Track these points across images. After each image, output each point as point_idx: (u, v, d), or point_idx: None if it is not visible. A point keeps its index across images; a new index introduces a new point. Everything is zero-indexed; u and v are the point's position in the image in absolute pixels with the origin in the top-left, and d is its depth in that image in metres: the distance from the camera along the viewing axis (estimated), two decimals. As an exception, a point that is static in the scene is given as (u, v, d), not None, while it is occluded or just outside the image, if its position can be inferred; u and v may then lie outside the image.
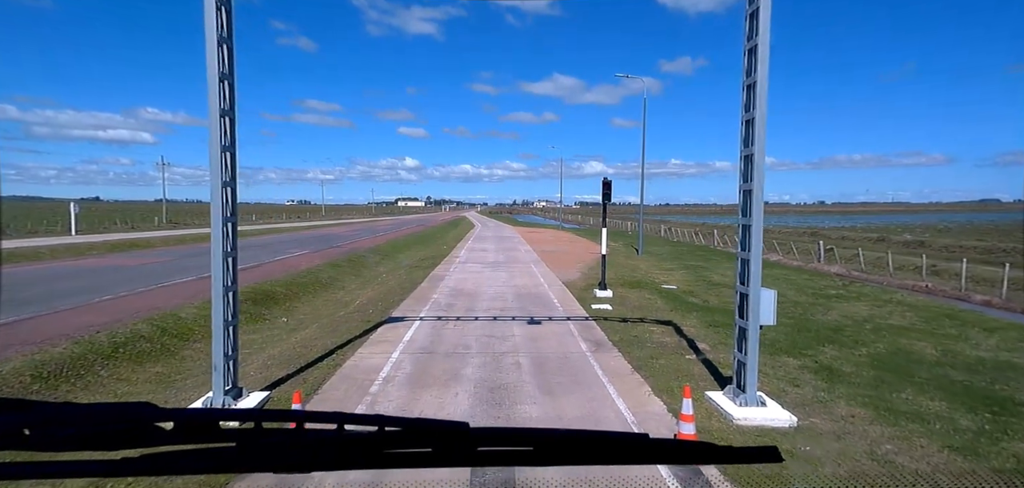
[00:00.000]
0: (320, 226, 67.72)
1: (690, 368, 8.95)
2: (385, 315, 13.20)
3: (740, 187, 7.18)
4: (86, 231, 44.74)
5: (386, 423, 0.88)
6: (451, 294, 16.45)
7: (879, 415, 7.01)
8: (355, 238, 43.53)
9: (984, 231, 59.06)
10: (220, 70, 6.60)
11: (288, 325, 13.91)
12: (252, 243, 36.61)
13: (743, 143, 7.11)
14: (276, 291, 17.23)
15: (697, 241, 48.02)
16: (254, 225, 67.13)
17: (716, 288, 18.93)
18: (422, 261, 26.85)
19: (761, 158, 6.75)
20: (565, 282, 19.13)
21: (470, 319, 12.66)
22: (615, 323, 12.40)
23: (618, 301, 15.40)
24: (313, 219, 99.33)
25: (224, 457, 0.85)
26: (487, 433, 0.88)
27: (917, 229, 68.28)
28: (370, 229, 59.51)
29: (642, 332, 11.57)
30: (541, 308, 14.20)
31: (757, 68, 6.71)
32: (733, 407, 6.77)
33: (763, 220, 6.87)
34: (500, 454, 0.88)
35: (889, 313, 14.85)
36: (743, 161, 7.12)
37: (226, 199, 6.97)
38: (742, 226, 7.16)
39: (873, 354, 10.44)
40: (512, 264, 24.99)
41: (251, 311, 14.54)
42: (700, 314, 13.87)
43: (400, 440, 0.87)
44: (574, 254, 30.96)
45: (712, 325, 12.52)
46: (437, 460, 0.87)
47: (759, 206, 6.78)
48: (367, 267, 25.80)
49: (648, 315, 13.56)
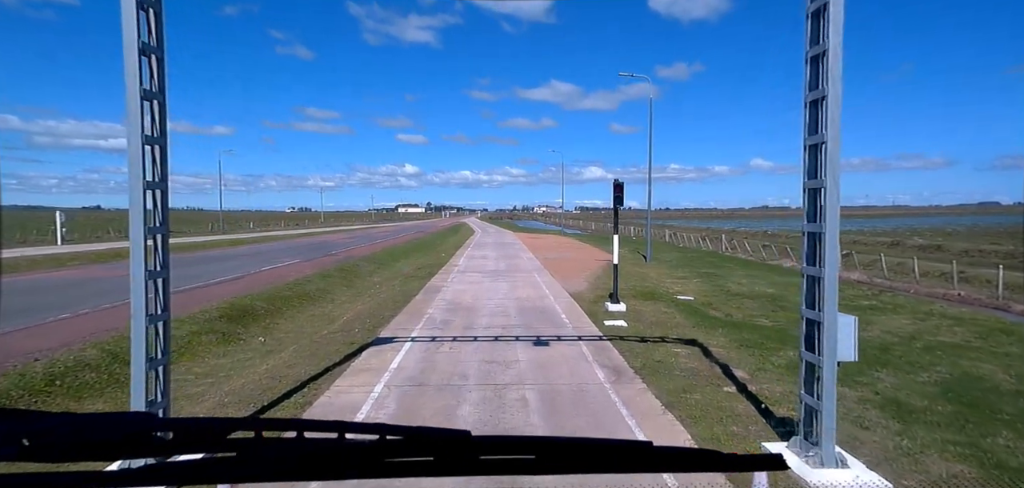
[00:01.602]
0: (317, 233, 66.27)
1: (733, 405, 7.44)
2: (372, 335, 11.69)
3: (804, 185, 5.69)
4: (78, 240, 43.36)
5: (387, 432, 0.88)
6: (448, 309, 14.95)
7: (988, 474, 5.50)
8: (350, 246, 42.06)
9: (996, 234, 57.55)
10: (140, 21, 5.12)
11: (264, 346, 12.43)
12: (242, 252, 35.16)
13: (808, 129, 5.62)
14: (256, 306, 15.74)
15: (704, 246, 46.52)
16: (250, 233, 65.67)
17: (736, 299, 17.42)
18: (419, 270, 25.36)
19: (836, 147, 5.26)
20: (572, 294, 17.63)
21: (468, 340, 11.16)
22: (633, 343, 10.89)
23: (632, 316, 13.89)
24: (312, 226, 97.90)
25: (224, 467, 0.85)
26: (489, 442, 0.88)
27: (926, 232, 66.73)
28: (367, 236, 58.05)
29: (666, 355, 10.06)
30: (548, 325, 12.69)
31: (829, 34, 5.24)
32: (805, 468, 5.26)
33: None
34: (502, 463, 0.88)
35: (935, 327, 13.34)
36: (808, 153, 5.63)
37: (155, 204, 5.50)
38: (808, 234, 5.67)
39: (938, 381, 8.93)
40: (514, 273, 23.49)
41: (225, 330, 13.06)
42: (726, 331, 12.36)
43: (401, 449, 0.87)
44: (579, 261, 29.45)
45: (743, 345, 11.01)
46: (439, 469, 0.87)
47: (834, 208, 5.28)
48: (360, 277, 24.31)
49: (669, 333, 12.04)
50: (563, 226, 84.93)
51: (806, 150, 5.64)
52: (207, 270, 23.94)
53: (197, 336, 12.16)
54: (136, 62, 5.09)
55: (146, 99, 5.27)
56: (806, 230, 5.69)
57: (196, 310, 14.03)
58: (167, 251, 5.60)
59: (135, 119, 5.10)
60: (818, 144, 5.43)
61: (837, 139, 5.23)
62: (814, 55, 5.51)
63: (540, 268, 25.40)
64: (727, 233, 53.05)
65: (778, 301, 16.93)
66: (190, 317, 13.35)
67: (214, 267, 25.34)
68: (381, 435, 0.86)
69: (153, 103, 5.42)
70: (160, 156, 5.48)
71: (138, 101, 5.11)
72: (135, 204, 5.17)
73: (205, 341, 12.03)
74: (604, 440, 0.89)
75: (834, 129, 5.21)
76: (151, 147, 5.40)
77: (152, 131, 5.42)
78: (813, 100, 5.51)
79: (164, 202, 5.55)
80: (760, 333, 12.17)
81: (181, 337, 11.84)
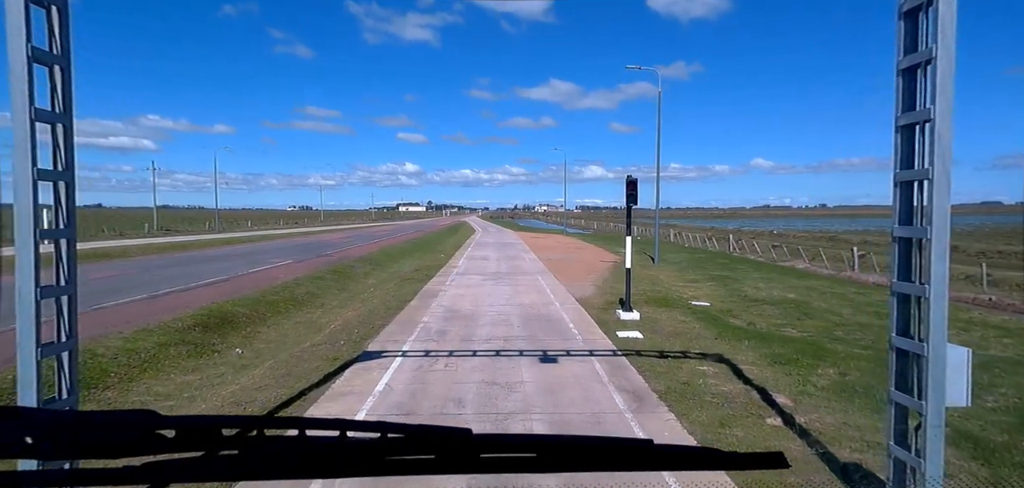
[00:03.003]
0: (315, 232, 65.02)
1: (785, 446, 6.17)
2: (359, 349, 10.44)
3: (895, 177, 4.41)
4: None
5: (388, 430, 0.88)
6: (444, 317, 13.70)
7: None
8: (347, 246, 40.82)
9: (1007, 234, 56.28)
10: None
11: (240, 360, 11.19)
12: (234, 252, 33.92)
13: (902, 102, 4.35)
14: (237, 313, 14.50)
15: (711, 246, 45.23)
16: (245, 232, 64.47)
17: (756, 306, 16.15)
18: (416, 272, 24.10)
19: (946, 124, 3.99)
20: (579, 299, 16.36)
21: (466, 354, 9.91)
22: (652, 359, 9.64)
23: (647, 325, 12.63)
24: (311, 225, 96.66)
25: (227, 464, 0.85)
26: (491, 440, 0.87)
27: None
28: (365, 236, 56.81)
29: (691, 375, 8.80)
30: (555, 337, 11.43)
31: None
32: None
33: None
34: (504, 461, 0.87)
35: (982, 339, 12.08)
36: (901, 134, 4.36)
37: (57, 200, 4.25)
38: (900, 240, 4.40)
39: (1010, 407, 7.68)
40: (516, 276, 22.23)
41: (198, 341, 11.82)
42: (753, 344, 11.09)
43: (402, 447, 0.87)
44: (584, 263, 28.19)
45: (776, 361, 9.74)
46: (440, 467, 0.86)
47: (944, 208, 4.00)
48: (354, 279, 23.07)
49: (690, 346, 10.78)
50: (565, 225, 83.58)
51: (898, 131, 4.36)
52: (193, 271, 22.71)
53: (165, 349, 10.92)
54: (23, 10, 3.84)
55: (39, 62, 4.02)
56: (897, 234, 4.41)
57: (167, 319, 12.80)
58: (74, 260, 4.34)
59: (20, 86, 3.84)
60: (919, 122, 4.16)
61: (948, 113, 3.96)
62: (910, 7, 4.24)
63: (544, 271, 24.14)
64: (734, 233, 51.77)
65: (802, 308, 15.67)
66: (160, 327, 12.12)
67: (201, 268, 24.11)
68: (382, 433, 0.87)
69: (54, 69, 4.17)
70: (63, 138, 4.23)
71: (25, 63, 3.86)
72: (22, 199, 3.91)
73: (173, 355, 10.79)
74: (604, 438, 0.89)
75: (945, 100, 3.94)
76: (50, 126, 4.15)
77: (52, 106, 4.17)
78: (910, 66, 4.24)
79: (69, 198, 4.29)
80: (791, 347, 10.90)
81: (145, 350, 10.61)
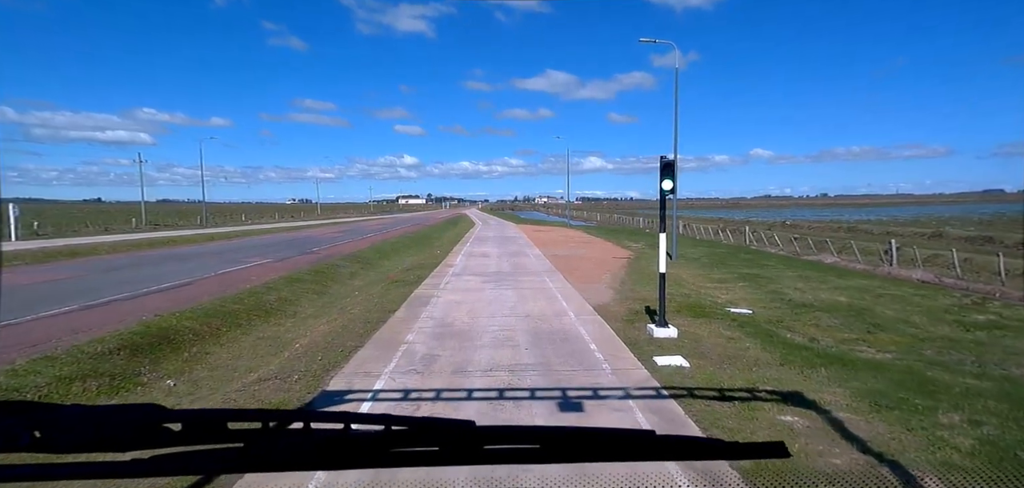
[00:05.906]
0: (307, 226, 62.43)
1: None
2: (316, 389, 7.87)
3: None
4: (52, 235, 39.66)
5: (393, 422, 0.87)
6: (434, 333, 11.14)
7: None
8: (337, 241, 38.21)
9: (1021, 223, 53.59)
10: None
11: (172, 393, 8.64)
12: (212, 249, 31.30)
13: None
14: (183, 328, 11.92)
15: (724, 239, 42.62)
16: (235, 227, 61.76)
17: (807, 313, 13.57)
18: (407, 272, 21.53)
19: None
20: (596, 306, 13.80)
21: (458, 396, 7.35)
22: (712, 404, 7.08)
23: (689, 346, 10.05)
24: (307, 218, 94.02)
25: (232, 457, 0.84)
26: (494, 431, 0.86)
27: (954, 221, 62.75)
28: (359, 230, 54.21)
29: (770, 427, 6.24)
30: (575, 365, 8.87)
31: None
32: None
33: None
34: (507, 452, 0.86)
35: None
36: None
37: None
38: None
39: None
40: (521, 277, 19.63)
41: (119, 371, 9.25)
42: (831, 372, 8.52)
43: (407, 439, 0.86)
44: (594, 258, 25.60)
45: (875, 402, 7.15)
46: (444, 459, 0.85)
47: None
48: (337, 281, 20.49)
49: (753, 379, 8.20)
50: (567, 217, 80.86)
51: None
52: (155, 273, 20.13)
53: (65, 384, 8.36)
54: None
55: None
56: None
57: (85, 340, 10.22)
58: None
59: None
60: None
61: None
62: None
63: (551, 270, 21.54)
64: (749, 225, 49.15)
65: (864, 316, 13.10)
66: (71, 351, 9.55)
67: (165, 269, 21.52)
68: (387, 426, 0.87)
69: None
70: None
71: None
72: None
73: (74, 392, 8.24)
74: (607, 429, 0.89)
75: None
76: None
77: None
78: None
79: None
80: (884, 377, 8.33)
81: (35, 388, 8.05)
